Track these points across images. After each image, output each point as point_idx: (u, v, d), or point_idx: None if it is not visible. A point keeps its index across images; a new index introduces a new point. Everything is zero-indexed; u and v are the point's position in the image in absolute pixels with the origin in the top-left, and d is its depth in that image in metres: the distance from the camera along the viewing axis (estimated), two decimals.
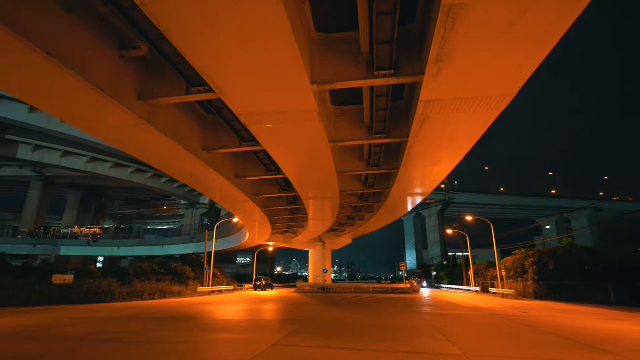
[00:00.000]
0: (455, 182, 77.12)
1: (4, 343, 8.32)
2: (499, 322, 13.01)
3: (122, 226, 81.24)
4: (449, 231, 52.42)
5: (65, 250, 53.97)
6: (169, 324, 11.92)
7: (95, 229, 57.06)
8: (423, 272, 63.89)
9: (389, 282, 63.62)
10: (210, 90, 10.12)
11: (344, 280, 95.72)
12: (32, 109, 34.64)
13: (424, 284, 54.49)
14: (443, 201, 75.30)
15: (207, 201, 59.82)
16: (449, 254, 70.33)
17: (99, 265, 59.74)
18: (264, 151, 15.38)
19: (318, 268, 45.12)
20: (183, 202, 64.49)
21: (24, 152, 41.76)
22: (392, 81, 9.62)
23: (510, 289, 28.19)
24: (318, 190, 20.06)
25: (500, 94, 9.56)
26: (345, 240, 46.12)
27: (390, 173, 19.10)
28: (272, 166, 17.74)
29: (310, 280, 45.26)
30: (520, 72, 8.48)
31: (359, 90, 11.61)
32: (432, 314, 15.67)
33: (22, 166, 51.81)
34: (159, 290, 24.85)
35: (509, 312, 16.40)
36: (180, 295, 26.70)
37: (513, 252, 31.09)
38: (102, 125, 12.16)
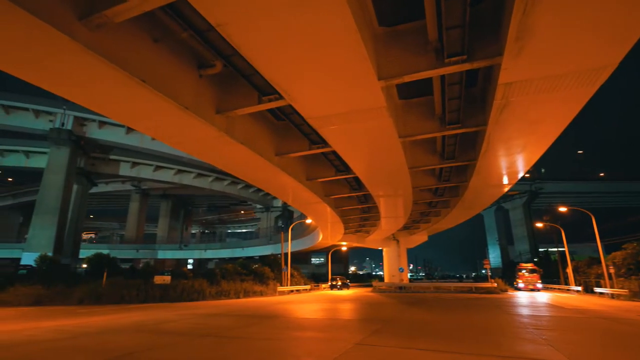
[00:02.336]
0: (542, 170, 69.59)
1: (123, 335, 9.58)
2: (612, 326, 11.40)
3: (206, 231, 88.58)
4: (539, 224, 47.36)
5: (162, 254, 60.60)
6: (256, 321, 12.65)
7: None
8: (506, 270, 58.33)
9: (471, 281, 59.75)
10: (280, 98, 10.52)
11: (421, 279, 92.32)
12: (128, 131, 39.55)
13: (539, 284, 36.09)
14: (528, 192, 68.49)
15: (280, 204, 62.45)
16: (540, 249, 63.66)
17: (189, 267, 65.96)
18: (334, 152, 15.54)
19: (393, 267, 44.20)
20: (258, 206, 68.22)
21: (125, 169, 47.90)
22: (465, 67, 9.02)
23: (622, 288, 24.49)
24: (389, 187, 19.66)
25: (597, 66, 8.38)
26: (420, 237, 44.50)
27: (466, 165, 17.95)
28: (341, 166, 17.85)
29: (385, 280, 44.54)
30: (625, 35, 7.27)
31: (427, 81, 11.11)
32: (527, 316, 14.30)
33: (123, 181, 59.55)
34: (242, 290, 26.56)
35: (623, 315, 14.27)
36: (261, 294, 28.21)
37: (622, 246, 27.01)
38: (187, 140, 13.41)
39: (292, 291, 32.40)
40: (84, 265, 31.66)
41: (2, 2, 6.10)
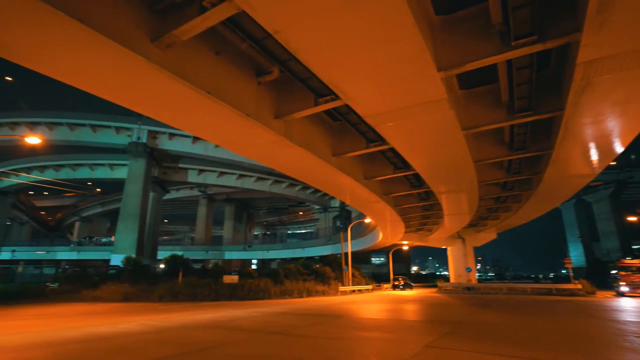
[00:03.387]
0: (632, 157, 61.30)
1: (200, 331, 10.28)
2: None
3: (267, 232, 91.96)
4: (632, 218, 41.63)
5: (228, 255, 64.14)
6: (321, 320, 12.80)
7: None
8: (591, 270, 51.99)
9: (549, 282, 54.65)
10: (337, 98, 10.55)
11: (491, 279, 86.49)
12: (194, 140, 42.50)
13: None
14: (615, 181, 60.72)
15: (337, 204, 62.75)
16: (634, 247, 56.09)
17: (253, 267, 69.01)
18: (392, 149, 15.22)
19: (459, 267, 42.04)
20: (316, 207, 69.26)
21: (192, 176, 51.56)
22: (536, 48, 8.28)
23: None
24: (452, 183, 18.73)
25: None
26: (488, 235, 41.78)
27: (540, 155, 16.47)
28: (400, 164, 17.40)
29: (451, 280, 42.52)
30: None
31: (491, 67, 10.37)
32: (627, 322, 12.65)
33: (192, 188, 64.18)
34: (305, 289, 27.10)
35: None
36: (323, 294, 28.53)
37: None
38: (248, 145, 14.04)
39: (353, 291, 32.32)
40: (162, 266, 34.67)
41: (92, 33, 6.90)
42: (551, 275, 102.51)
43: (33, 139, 15.99)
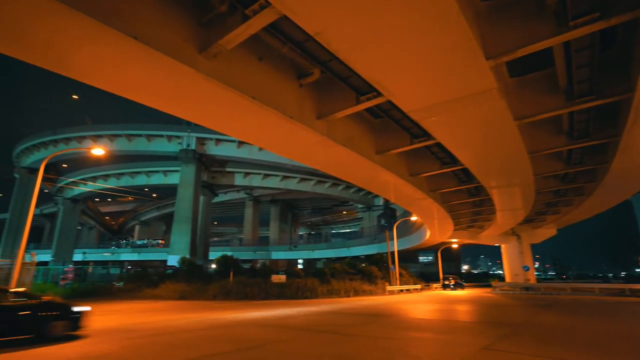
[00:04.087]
0: None
1: (252, 328, 10.63)
2: None
3: (312, 232, 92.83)
4: None
5: (275, 255, 65.68)
6: (370, 320, 12.70)
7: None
8: None
9: (620, 281, 49.71)
10: (379, 95, 10.40)
11: (552, 279, 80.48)
12: (239, 145, 43.99)
13: None
14: None
15: (381, 202, 61.85)
16: None
17: (299, 266, 70.03)
18: (438, 144, 14.71)
19: (515, 265, 39.60)
20: (359, 205, 68.78)
21: (238, 179, 53.42)
22: (599, 26, 7.56)
23: None
24: (504, 177, 17.70)
25: None
26: (546, 231, 38.94)
27: (605, 143, 15.03)
28: (447, 159, 16.77)
29: (507, 279, 40.20)
30: None
31: (545, 51, 9.63)
32: None
33: (238, 190, 66.55)
34: (352, 289, 27.02)
35: None
36: (370, 293, 28.26)
37: None
38: (292, 147, 14.28)
39: (401, 290, 31.68)
40: (213, 266, 36.31)
41: (146, 49, 7.40)
42: (623, 274, 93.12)
43: (98, 151, 17.46)
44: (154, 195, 69.55)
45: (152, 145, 45.44)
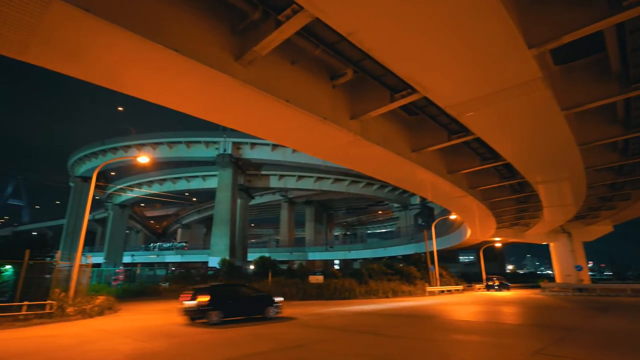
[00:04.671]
0: None
1: (293, 328, 10.75)
2: None
3: (347, 233, 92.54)
4: None
5: (311, 256, 66.15)
6: (411, 321, 12.44)
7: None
8: None
9: None
10: (414, 92, 10.19)
11: (608, 279, 74.53)
12: (273, 148, 44.80)
13: None
14: None
15: (418, 201, 60.50)
16: None
17: (336, 267, 70.05)
18: (477, 140, 14.16)
19: (566, 265, 37.15)
20: (395, 205, 67.66)
21: (274, 182, 54.39)
22: None
23: None
24: (551, 171, 16.68)
25: None
26: (601, 228, 36.20)
27: None
28: (487, 154, 16.10)
29: (557, 280, 37.81)
30: None
31: (594, 35, 8.99)
32: None
33: (274, 192, 67.75)
34: (390, 289, 26.60)
35: None
36: (410, 294, 27.68)
37: None
38: (326, 148, 14.31)
39: (442, 291, 30.77)
40: (251, 267, 37.17)
41: (186, 60, 7.74)
42: None
43: (143, 159, 18.48)
44: (194, 199, 72.36)
45: (191, 151, 47.34)
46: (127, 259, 62.90)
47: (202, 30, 8.19)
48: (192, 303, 11.95)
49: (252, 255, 45.93)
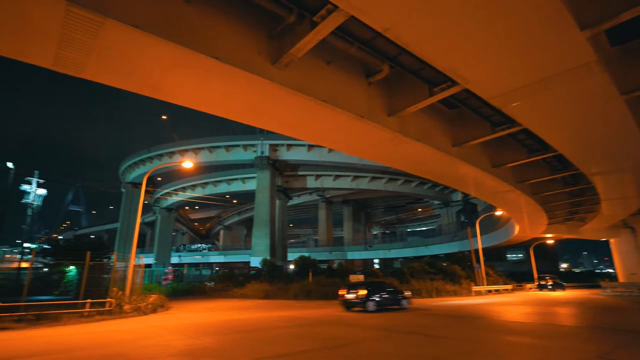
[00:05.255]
0: None
1: (334, 327, 10.76)
2: None
3: (386, 231, 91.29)
4: None
5: (350, 255, 65.94)
6: (458, 321, 12.02)
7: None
8: None
9: None
10: (454, 84, 9.85)
11: None
12: (309, 148, 45.17)
13: None
14: None
15: (459, 197, 58.35)
16: None
17: (375, 266, 69.30)
18: (524, 131, 13.42)
19: (630, 262, 34.15)
20: (436, 202, 65.76)
21: (310, 182, 54.85)
22: None
23: None
24: (609, 161, 15.39)
25: None
26: None
27: None
28: (536, 145, 15.19)
29: (620, 279, 34.87)
30: None
31: None
32: None
33: (311, 193, 68.33)
34: (434, 289, 25.87)
35: None
36: (455, 294, 26.75)
37: None
38: (363, 146, 14.21)
39: (489, 291, 29.44)
40: (291, 266, 37.72)
41: (225, 66, 8.01)
42: None
43: (187, 164, 19.38)
44: (235, 201, 74.67)
45: (230, 155, 48.92)
46: (174, 259, 66.25)
47: (239, 37, 8.43)
48: (352, 295, 15.09)
49: (291, 255, 46.62)
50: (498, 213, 32.07)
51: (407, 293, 16.60)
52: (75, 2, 5.89)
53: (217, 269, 58.14)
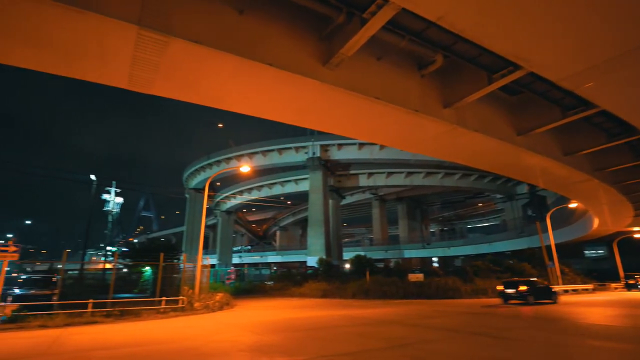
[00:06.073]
0: None
1: (395, 326, 10.55)
2: None
3: (444, 228, 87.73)
4: None
5: (407, 254, 64.31)
6: (532, 323, 11.16)
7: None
8: None
9: None
10: (517, 69, 9.17)
11: None
12: (360, 147, 44.84)
13: None
14: None
15: (525, 190, 54.13)
16: None
17: (434, 265, 66.81)
18: (601, 113, 12.08)
19: None
20: (498, 196, 61.70)
21: (363, 180, 54.43)
22: None
23: None
24: None
25: None
26: None
27: None
28: (616, 128, 13.63)
29: None
30: None
31: None
32: None
33: (364, 191, 67.77)
34: None
35: None
36: None
37: None
38: (417, 140, 13.78)
39: (566, 291, 26.90)
40: (347, 266, 37.69)
41: (278, 72, 8.25)
42: None
43: (245, 168, 20.27)
44: (289, 202, 76.57)
45: (283, 157, 50.29)
46: (235, 259, 69.61)
47: (291, 42, 8.63)
48: (512, 290, 17.91)
49: (346, 255, 46.67)
50: (572, 205, 29.22)
51: (555, 289, 19.87)
52: (145, 25, 6.46)
53: (275, 268, 60.02)
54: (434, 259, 69.96)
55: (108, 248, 61.80)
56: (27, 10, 6.31)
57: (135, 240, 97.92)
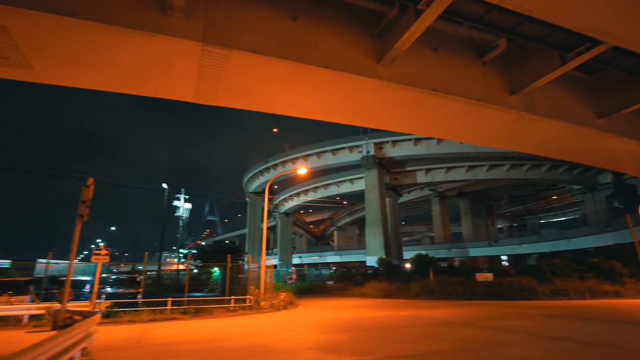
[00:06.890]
0: None
1: (467, 329, 9.99)
2: None
3: (514, 224, 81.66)
4: None
5: (472, 252, 60.78)
6: (626, 328, 9.91)
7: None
8: None
9: None
10: (596, 44, 8.24)
11: None
12: (416, 142, 43.46)
13: None
14: None
15: (609, 179, 48.31)
16: None
17: (504, 263, 62.31)
18: None
19: None
20: (575, 187, 55.81)
21: (420, 177, 52.65)
22: None
23: None
24: None
25: None
26: None
27: None
28: None
29: None
30: None
31: None
32: None
33: (422, 188, 65.48)
34: (586, 290, 21.85)
35: None
36: (616, 295, 22.10)
37: None
38: (480, 132, 12.97)
39: None
40: (407, 265, 36.67)
41: (333, 73, 8.30)
42: None
43: (302, 170, 20.74)
44: (345, 202, 76.70)
45: (337, 158, 50.55)
46: (295, 260, 71.37)
47: (344, 43, 8.64)
48: None
49: (407, 254, 45.46)
50: None
51: None
52: (209, 42, 6.91)
53: (334, 268, 60.42)
54: (503, 257, 65.24)
55: (180, 250, 67.02)
56: (106, 38, 7.08)
57: (203, 243, 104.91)
